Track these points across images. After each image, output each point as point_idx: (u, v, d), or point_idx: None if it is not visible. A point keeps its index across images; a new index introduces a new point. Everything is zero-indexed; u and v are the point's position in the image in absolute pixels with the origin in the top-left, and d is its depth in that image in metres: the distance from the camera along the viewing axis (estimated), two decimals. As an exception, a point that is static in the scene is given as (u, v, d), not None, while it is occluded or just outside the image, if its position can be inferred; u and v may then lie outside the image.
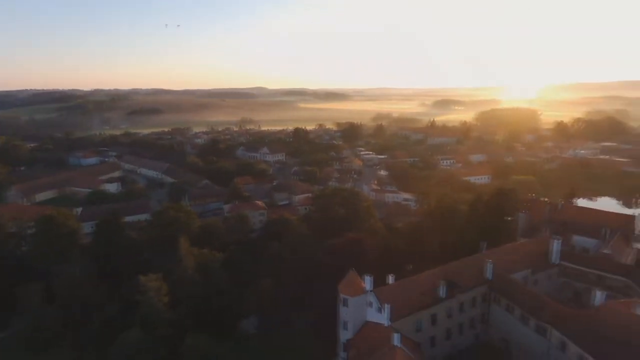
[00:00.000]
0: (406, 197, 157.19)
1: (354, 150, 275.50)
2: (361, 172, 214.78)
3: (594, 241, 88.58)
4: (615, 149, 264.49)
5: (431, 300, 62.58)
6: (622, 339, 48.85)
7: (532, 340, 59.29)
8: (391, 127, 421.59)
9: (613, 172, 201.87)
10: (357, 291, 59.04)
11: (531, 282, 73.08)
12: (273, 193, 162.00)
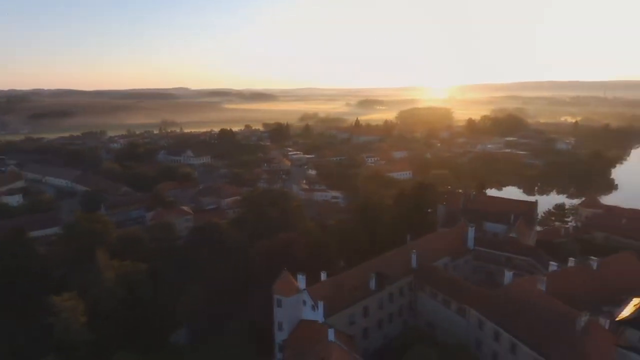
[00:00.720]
0: (335, 195, 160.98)
1: (282, 151, 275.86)
2: (290, 172, 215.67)
3: (502, 226, 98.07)
4: (516, 143, 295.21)
5: (363, 293, 64.88)
6: (529, 311, 54.83)
7: (454, 322, 64.11)
8: (318, 127, 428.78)
9: (515, 164, 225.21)
10: (291, 291, 59.26)
11: (451, 268, 79.01)
12: (199, 197, 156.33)
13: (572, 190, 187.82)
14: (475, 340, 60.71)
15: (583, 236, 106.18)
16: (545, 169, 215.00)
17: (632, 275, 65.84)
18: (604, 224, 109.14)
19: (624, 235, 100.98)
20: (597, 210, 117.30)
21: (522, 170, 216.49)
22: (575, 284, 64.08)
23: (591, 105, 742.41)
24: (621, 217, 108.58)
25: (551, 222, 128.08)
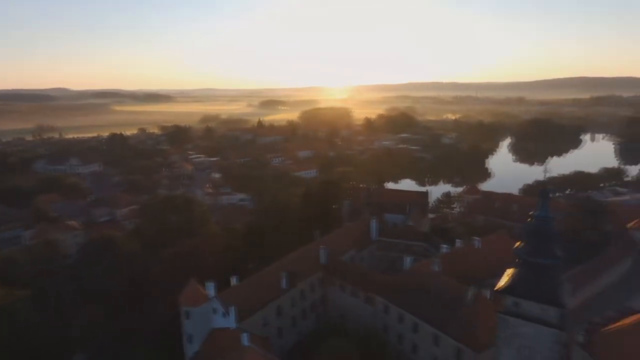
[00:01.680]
0: (242, 197, 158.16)
1: (183, 155, 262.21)
2: (193, 176, 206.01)
3: (400, 216, 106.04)
4: (409, 139, 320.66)
5: (275, 293, 65.00)
6: (427, 291, 60.27)
7: (362, 311, 67.64)
8: (220, 129, 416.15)
9: (409, 158, 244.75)
10: (200, 300, 56.85)
11: (358, 260, 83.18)
12: (91, 209, 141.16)
13: (456, 179, 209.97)
14: (382, 326, 64.84)
15: (467, 220, 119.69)
16: (434, 162, 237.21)
17: (506, 250, 76.05)
18: (483, 208, 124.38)
19: (498, 217, 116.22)
20: (477, 196, 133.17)
21: (415, 163, 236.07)
22: (463, 262, 72.12)
23: (468, 104, 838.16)
24: (495, 201, 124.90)
25: (441, 209, 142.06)
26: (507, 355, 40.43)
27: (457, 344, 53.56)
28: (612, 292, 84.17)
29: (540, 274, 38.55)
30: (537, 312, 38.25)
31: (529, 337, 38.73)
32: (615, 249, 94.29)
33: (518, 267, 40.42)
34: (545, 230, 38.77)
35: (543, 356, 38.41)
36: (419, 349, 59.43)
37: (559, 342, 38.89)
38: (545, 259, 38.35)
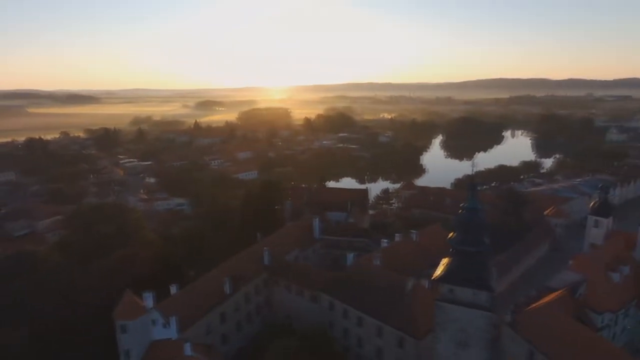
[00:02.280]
0: (179, 202, 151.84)
1: (113, 159, 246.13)
2: (125, 182, 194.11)
3: (342, 214, 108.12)
4: (348, 138, 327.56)
5: (218, 299, 63.28)
6: (369, 285, 62.02)
7: (308, 309, 68.01)
8: (154, 131, 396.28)
9: (348, 157, 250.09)
10: (137, 313, 53.78)
11: (302, 259, 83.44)
12: (5, 223, 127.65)
13: (394, 176, 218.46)
14: (328, 322, 65.67)
15: (405, 214, 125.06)
16: (372, 160, 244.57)
17: (441, 241, 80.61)
18: (419, 202, 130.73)
19: (433, 210, 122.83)
20: (413, 192, 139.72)
21: (354, 162, 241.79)
22: (402, 255, 75.20)
23: (402, 104, 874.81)
24: (430, 195, 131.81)
25: (380, 205, 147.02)
26: (444, 339, 42.83)
27: (399, 333, 55.77)
28: (533, 274, 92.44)
29: (471, 261, 41.30)
30: (470, 297, 40.94)
31: (464, 321, 41.34)
32: (534, 235, 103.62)
33: (452, 256, 42.96)
34: (474, 221, 41.59)
35: (477, 337, 41.17)
36: (364, 342, 61.05)
37: (490, 324, 41.90)
38: (475, 247, 41.15)
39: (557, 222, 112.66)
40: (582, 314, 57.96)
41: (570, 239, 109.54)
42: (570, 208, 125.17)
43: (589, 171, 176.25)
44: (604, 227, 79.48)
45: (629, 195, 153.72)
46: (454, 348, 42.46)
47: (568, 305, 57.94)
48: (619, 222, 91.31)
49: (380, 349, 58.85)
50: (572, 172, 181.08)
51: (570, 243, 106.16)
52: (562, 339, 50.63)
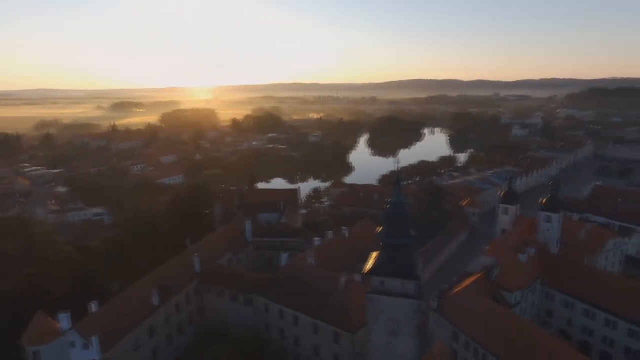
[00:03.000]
0: (97, 211, 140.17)
1: (15, 168, 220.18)
2: (31, 193, 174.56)
3: (274, 215, 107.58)
4: (277, 139, 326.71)
5: (145, 312, 59.64)
6: (304, 284, 62.45)
7: (243, 313, 66.74)
8: (64, 136, 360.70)
9: (278, 158, 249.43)
10: (50, 336, 48.79)
11: (235, 263, 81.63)
12: None
13: (324, 175, 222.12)
14: (264, 324, 65.04)
15: (336, 212, 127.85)
16: (302, 160, 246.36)
17: (371, 236, 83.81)
18: (349, 199, 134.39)
19: (363, 206, 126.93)
20: (343, 189, 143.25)
21: (284, 162, 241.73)
22: (335, 252, 76.86)
23: (329, 104, 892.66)
24: (359, 192, 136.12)
25: (312, 204, 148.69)
26: (377, 329, 44.53)
27: (334, 329, 56.94)
28: (454, 260, 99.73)
29: (399, 253, 43.40)
30: (399, 287, 43.01)
31: (394, 310, 43.32)
32: (454, 225, 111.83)
33: (381, 249, 44.78)
34: (400, 215, 43.73)
35: (407, 325, 43.38)
36: (301, 340, 61.40)
37: (418, 311, 44.39)
38: (402, 240, 43.30)
39: (473, 212, 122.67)
40: (497, 294, 63.75)
41: (485, 226, 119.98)
42: (484, 198, 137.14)
43: (498, 164, 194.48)
44: (512, 214, 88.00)
45: (531, 184, 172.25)
46: (387, 337, 44.32)
47: (485, 287, 63.41)
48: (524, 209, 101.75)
49: (317, 346, 59.61)
50: (484, 166, 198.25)
51: (485, 230, 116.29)
52: (481, 319, 55.29)
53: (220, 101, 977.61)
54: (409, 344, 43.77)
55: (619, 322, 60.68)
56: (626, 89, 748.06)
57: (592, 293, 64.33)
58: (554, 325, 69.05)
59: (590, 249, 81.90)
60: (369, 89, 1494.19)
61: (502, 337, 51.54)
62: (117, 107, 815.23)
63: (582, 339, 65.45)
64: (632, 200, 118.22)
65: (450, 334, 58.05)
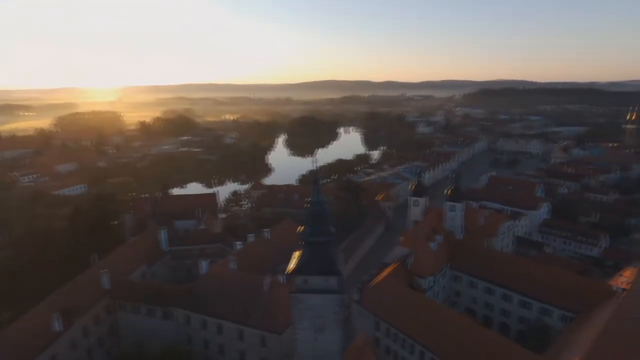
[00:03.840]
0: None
1: None
2: None
3: (192, 221, 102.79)
4: (191, 141, 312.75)
5: (45, 340, 53.20)
6: (226, 291, 60.70)
7: (162, 328, 62.84)
8: None
9: (193, 161, 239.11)
10: None
11: (150, 275, 76.56)
12: None
13: (242, 177, 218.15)
14: (186, 337, 61.96)
15: (256, 214, 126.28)
16: (218, 163, 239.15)
17: (293, 236, 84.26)
18: (269, 200, 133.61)
19: (283, 207, 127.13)
20: (263, 191, 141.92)
21: (200, 166, 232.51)
22: (257, 255, 75.91)
23: (244, 105, 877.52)
24: (279, 193, 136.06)
25: (231, 208, 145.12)
26: (303, 327, 44.93)
27: (260, 332, 56.27)
28: (373, 253, 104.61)
29: (321, 251, 44.25)
30: (322, 284, 43.86)
31: (319, 307, 44.07)
32: (371, 219, 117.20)
33: (303, 248, 45.25)
34: (320, 213, 44.58)
35: (331, 320, 44.42)
36: (226, 348, 59.67)
37: (341, 305, 45.69)
38: (323, 237, 44.20)
39: (388, 206, 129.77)
40: (412, 280, 68.25)
41: (399, 218, 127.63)
42: (397, 192, 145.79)
43: (408, 159, 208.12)
44: (422, 205, 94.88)
45: (437, 177, 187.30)
46: (313, 334, 44.94)
47: (401, 275, 67.51)
48: (433, 200, 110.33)
49: (243, 351, 58.41)
50: (395, 162, 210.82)
51: (399, 222, 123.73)
52: (399, 305, 58.76)
53: (125, 103, 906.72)
54: (335, 338, 44.88)
55: (513, 295, 68.69)
56: (510, 89, 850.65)
57: (491, 272, 71.93)
58: (462, 305, 75.91)
59: (488, 233, 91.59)
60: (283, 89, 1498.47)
61: (417, 320, 55.34)
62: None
63: (485, 314, 72.90)
64: (519, 188, 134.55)
65: (372, 324, 60.80)
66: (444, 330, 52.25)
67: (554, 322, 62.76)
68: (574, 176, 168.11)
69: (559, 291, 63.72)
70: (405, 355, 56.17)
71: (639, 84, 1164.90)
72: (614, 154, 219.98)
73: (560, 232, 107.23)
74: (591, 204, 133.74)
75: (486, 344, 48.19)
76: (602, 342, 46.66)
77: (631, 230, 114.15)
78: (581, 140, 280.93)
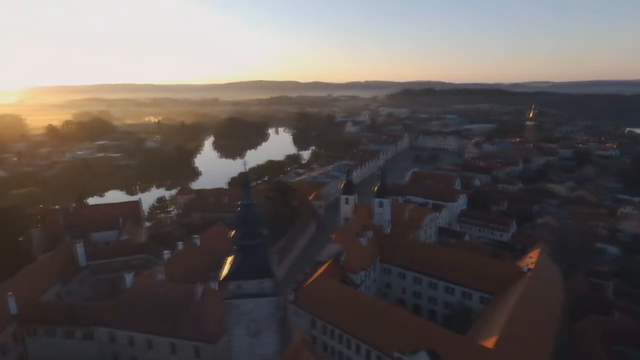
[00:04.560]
0: None
1: None
2: None
3: (113, 232, 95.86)
4: (108, 146, 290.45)
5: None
6: (154, 303, 57.50)
7: (83, 350, 57.91)
8: None
9: (112, 168, 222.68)
10: None
11: (65, 294, 70.04)
12: None
13: (168, 182, 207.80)
14: (112, 356, 57.68)
15: (185, 220, 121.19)
16: (141, 168, 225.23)
17: (224, 240, 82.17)
18: (198, 205, 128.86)
19: (213, 211, 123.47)
20: (191, 196, 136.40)
21: (120, 172, 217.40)
22: (187, 263, 72.92)
23: (167, 106, 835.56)
24: (208, 197, 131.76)
25: (157, 215, 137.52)
26: (238, 333, 44.07)
27: (193, 343, 54.15)
28: (307, 252, 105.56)
29: (253, 254, 43.72)
30: (257, 287, 43.38)
31: (254, 311, 43.54)
32: (303, 219, 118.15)
33: (235, 253, 44.36)
34: (251, 216, 44.03)
35: (267, 323, 44.12)
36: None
37: (277, 307, 45.55)
38: (255, 240, 43.71)
39: (319, 205, 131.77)
40: (345, 276, 70.05)
41: (330, 216, 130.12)
42: (327, 191, 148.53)
43: (337, 158, 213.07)
44: (351, 203, 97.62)
45: (365, 175, 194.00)
46: (249, 339, 44.27)
47: (335, 272, 68.97)
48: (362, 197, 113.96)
49: (176, 365, 55.77)
50: (325, 161, 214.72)
51: (331, 220, 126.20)
52: (333, 302, 60.02)
53: (29, 105, 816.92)
54: (271, 340, 44.63)
55: (438, 283, 73.53)
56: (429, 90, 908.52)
57: (418, 263, 76.29)
58: (392, 296, 79.56)
59: (413, 226, 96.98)
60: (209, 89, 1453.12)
61: (351, 315, 57.00)
62: None
63: (414, 302, 77.14)
64: (440, 182, 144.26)
65: (309, 322, 61.42)
66: (377, 322, 54.39)
67: (474, 304, 68.27)
68: (485, 169, 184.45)
69: (477, 275, 69.47)
70: (343, 350, 57.57)
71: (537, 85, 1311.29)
72: (517, 148, 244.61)
73: (475, 221, 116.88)
74: (501, 194, 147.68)
75: (417, 331, 51.06)
76: (513, 317, 51.84)
77: (534, 216, 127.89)
78: (490, 136, 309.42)
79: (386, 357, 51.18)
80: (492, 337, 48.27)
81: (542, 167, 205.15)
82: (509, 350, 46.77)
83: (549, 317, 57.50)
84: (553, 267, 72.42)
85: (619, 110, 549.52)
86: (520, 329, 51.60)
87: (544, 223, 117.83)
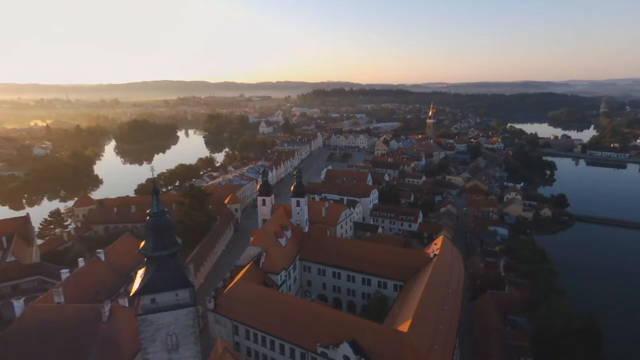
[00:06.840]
0: None
1: None
2: None
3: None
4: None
5: None
6: (51, 331, 51.34)
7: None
8: None
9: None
10: None
11: None
12: None
13: (63, 193, 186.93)
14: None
15: (85, 234, 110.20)
16: (28, 178, 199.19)
17: (134, 252, 76.35)
18: (101, 216, 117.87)
19: (119, 222, 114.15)
20: (92, 206, 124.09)
21: (2, 184, 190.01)
22: (91, 280, 66.42)
23: (57, 108, 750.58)
24: (113, 207, 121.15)
25: (52, 231, 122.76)
26: (154, 350, 41.36)
27: (103, 367, 49.46)
28: (225, 258, 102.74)
29: (167, 265, 41.30)
30: (173, 299, 41.06)
31: (171, 324, 41.15)
32: (219, 223, 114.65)
33: (146, 265, 41.50)
34: (162, 225, 41.52)
35: (186, 335, 42.03)
36: (60, 398, 50.52)
37: (196, 317, 43.64)
38: (168, 250, 41.32)
39: (235, 208, 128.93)
40: (267, 278, 69.59)
41: (248, 219, 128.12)
42: (243, 193, 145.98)
43: (252, 160, 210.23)
44: (269, 204, 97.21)
45: (281, 175, 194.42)
46: (167, 355, 41.77)
47: (255, 275, 68.17)
48: (279, 198, 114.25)
49: (83, 395, 50.41)
50: (240, 163, 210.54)
51: (249, 222, 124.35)
52: (255, 305, 59.32)
53: None
54: (191, 353, 42.66)
55: (356, 275, 76.63)
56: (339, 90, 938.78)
57: (336, 258, 78.67)
58: (314, 292, 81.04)
59: (330, 223, 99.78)
60: (107, 90, 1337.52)
61: (273, 316, 56.88)
62: None
63: (334, 297, 79.45)
64: (353, 178, 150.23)
65: (231, 328, 59.91)
66: (299, 320, 54.97)
67: (390, 292, 72.47)
68: (393, 165, 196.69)
69: (390, 265, 73.85)
70: (266, 352, 57.17)
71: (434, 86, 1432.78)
72: (420, 144, 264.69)
73: (387, 214, 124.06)
74: (408, 187, 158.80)
75: (338, 324, 52.66)
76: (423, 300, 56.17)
77: (437, 206, 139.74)
78: (396, 134, 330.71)
79: (310, 353, 52.05)
80: (406, 321, 51.74)
81: (442, 161, 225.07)
82: (422, 332, 50.60)
83: (454, 297, 63.34)
84: (455, 251, 79.82)
85: (500, 108, 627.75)
86: (430, 310, 56.08)
87: (445, 212, 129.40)
